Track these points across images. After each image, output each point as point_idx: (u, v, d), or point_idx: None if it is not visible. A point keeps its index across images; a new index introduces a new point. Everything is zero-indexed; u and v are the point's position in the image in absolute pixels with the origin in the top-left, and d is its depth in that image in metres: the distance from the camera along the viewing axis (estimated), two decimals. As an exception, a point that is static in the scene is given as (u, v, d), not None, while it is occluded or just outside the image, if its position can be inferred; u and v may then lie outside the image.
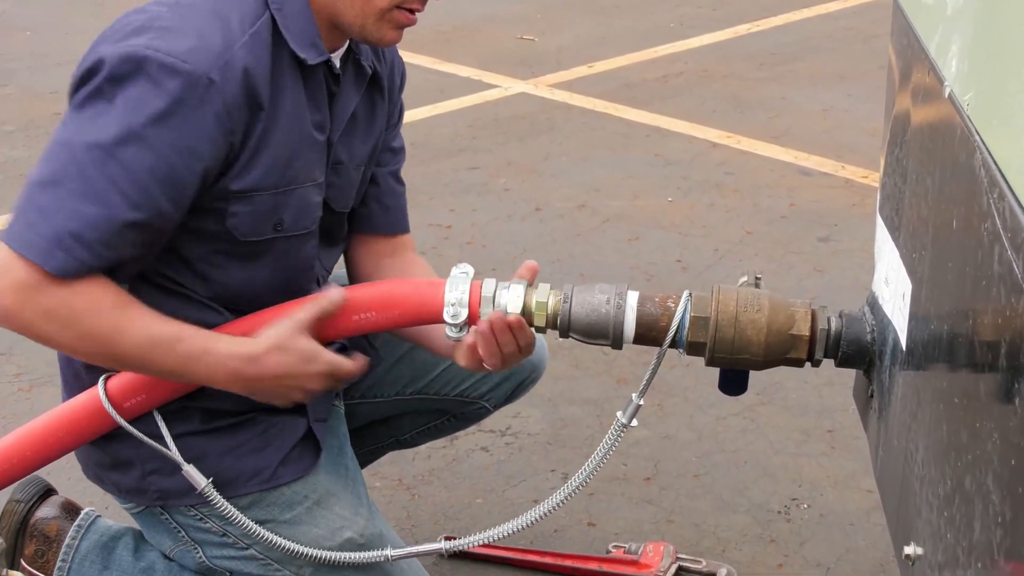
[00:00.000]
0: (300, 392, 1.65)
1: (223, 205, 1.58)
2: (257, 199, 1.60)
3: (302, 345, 1.61)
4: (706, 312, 1.56)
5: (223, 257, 1.63)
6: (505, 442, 2.73)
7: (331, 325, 1.64)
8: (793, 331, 1.55)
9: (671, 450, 2.71)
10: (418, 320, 1.64)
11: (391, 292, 1.65)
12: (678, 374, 3.00)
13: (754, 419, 2.83)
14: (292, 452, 1.77)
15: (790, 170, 4.39)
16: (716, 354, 1.57)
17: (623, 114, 5.01)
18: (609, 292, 1.59)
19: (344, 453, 1.86)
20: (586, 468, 1.68)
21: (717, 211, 4.03)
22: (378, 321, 1.64)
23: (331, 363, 1.64)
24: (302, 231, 1.68)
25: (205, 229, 1.60)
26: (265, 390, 1.63)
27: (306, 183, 1.65)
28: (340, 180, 1.76)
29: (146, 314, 1.54)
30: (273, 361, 1.60)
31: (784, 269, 3.59)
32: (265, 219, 1.62)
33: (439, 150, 4.52)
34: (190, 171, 1.49)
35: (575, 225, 3.92)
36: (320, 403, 1.84)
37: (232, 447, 1.75)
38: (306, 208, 1.67)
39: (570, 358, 3.07)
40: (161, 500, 1.75)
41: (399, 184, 1.92)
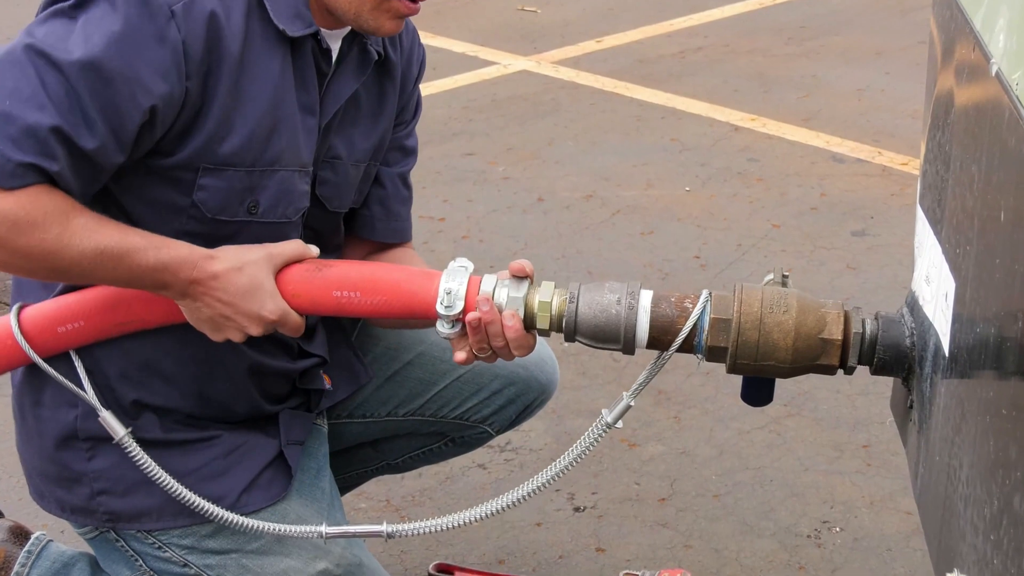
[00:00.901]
0: (236, 330, 1.64)
1: (192, 176, 1.60)
2: (230, 174, 1.61)
3: (261, 277, 1.61)
4: (728, 313, 1.56)
5: (190, 238, 1.63)
6: (504, 458, 2.73)
7: (306, 291, 1.64)
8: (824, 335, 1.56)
9: (689, 467, 2.71)
10: (407, 310, 1.63)
11: (381, 274, 1.65)
12: (696, 383, 3.01)
13: (781, 433, 2.83)
14: (260, 477, 1.77)
15: (821, 156, 4.39)
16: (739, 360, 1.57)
17: (636, 94, 5.01)
18: (620, 291, 1.59)
19: (322, 476, 1.87)
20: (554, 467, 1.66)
21: (740, 202, 4.04)
22: (361, 304, 1.64)
23: (281, 310, 1.63)
24: (281, 219, 1.68)
25: (172, 202, 1.62)
26: (203, 315, 1.63)
27: (290, 167, 1.66)
28: (337, 177, 1.76)
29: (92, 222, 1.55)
30: (225, 280, 1.60)
31: (814, 266, 3.60)
32: (237, 198, 1.63)
33: (431, 134, 4.52)
34: (134, 103, 1.50)
35: (582, 218, 3.93)
36: (297, 424, 1.84)
37: (190, 469, 1.75)
38: (288, 195, 1.68)
39: (576, 365, 3.07)
40: (111, 522, 1.76)
41: (406, 188, 1.92)
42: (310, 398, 1.89)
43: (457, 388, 2.01)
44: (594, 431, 1.64)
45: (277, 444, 1.80)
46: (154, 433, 1.74)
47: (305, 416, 1.86)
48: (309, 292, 1.64)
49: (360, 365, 1.98)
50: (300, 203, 1.71)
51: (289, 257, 1.65)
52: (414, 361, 2.02)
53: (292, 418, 1.84)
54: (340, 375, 1.95)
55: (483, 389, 2.02)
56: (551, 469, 1.67)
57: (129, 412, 1.73)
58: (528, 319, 1.60)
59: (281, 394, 1.85)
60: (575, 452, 1.66)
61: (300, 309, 1.65)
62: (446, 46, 5.53)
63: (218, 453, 1.76)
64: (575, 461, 1.66)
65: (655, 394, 2.96)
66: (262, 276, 1.62)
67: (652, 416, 2.89)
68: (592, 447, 1.65)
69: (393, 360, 2.01)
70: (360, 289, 1.63)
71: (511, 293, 1.60)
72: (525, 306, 1.60)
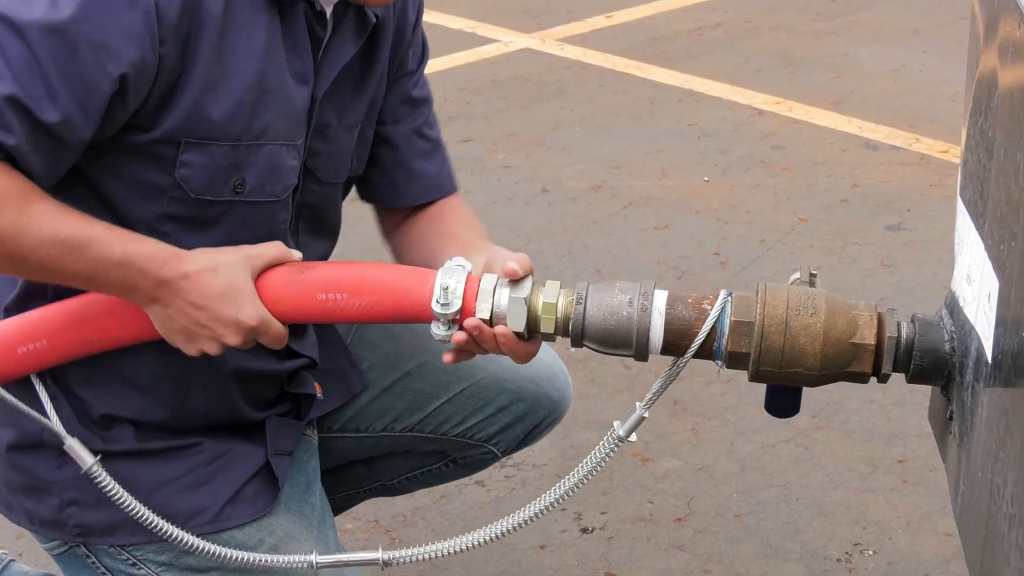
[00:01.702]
0: (210, 339, 1.63)
1: (173, 152, 1.60)
2: (214, 149, 1.61)
3: (238, 280, 1.61)
4: (750, 316, 1.57)
5: (172, 224, 1.64)
6: (505, 475, 2.74)
7: (288, 295, 1.64)
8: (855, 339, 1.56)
9: (707, 484, 2.72)
10: (400, 311, 1.63)
11: (370, 274, 1.64)
12: (716, 392, 3.01)
13: (808, 447, 2.83)
14: (244, 489, 1.77)
15: (853, 143, 4.40)
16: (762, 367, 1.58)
17: (649, 74, 5.01)
18: (632, 292, 1.59)
19: (312, 491, 1.87)
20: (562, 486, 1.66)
21: (764, 193, 4.04)
22: (349, 307, 1.63)
23: (261, 316, 1.62)
24: (269, 199, 1.69)
25: (153, 182, 1.62)
26: (175, 325, 1.62)
27: (278, 141, 1.66)
28: (329, 146, 1.76)
29: (53, 208, 1.54)
30: (197, 281, 1.59)
31: (845, 264, 3.60)
32: (222, 176, 1.63)
33: (424, 119, 4.53)
34: (102, 71, 1.50)
35: (590, 210, 3.93)
36: (285, 432, 1.85)
37: (168, 479, 1.75)
38: (276, 172, 1.68)
39: (585, 372, 3.07)
40: (82, 536, 1.76)
41: (425, 140, 1.91)
42: (299, 405, 1.89)
43: (460, 403, 2.01)
44: (605, 446, 1.64)
45: (263, 453, 1.80)
46: (128, 443, 1.74)
47: (294, 424, 1.87)
48: (291, 297, 1.64)
49: (354, 373, 1.98)
50: (289, 180, 1.71)
51: (269, 260, 1.64)
52: (414, 371, 2.01)
53: (280, 426, 1.85)
54: (332, 383, 1.95)
55: (489, 404, 2.02)
56: (558, 488, 1.67)
57: (99, 424, 1.74)
58: (531, 322, 1.60)
59: (268, 399, 1.85)
60: (584, 469, 1.65)
61: (282, 316, 1.64)
62: (441, 22, 5.53)
63: (199, 462, 1.76)
64: (585, 479, 1.66)
65: (671, 404, 2.96)
66: (240, 279, 1.61)
67: (667, 428, 2.89)
68: (603, 463, 1.65)
69: (391, 369, 2.01)
70: (347, 290, 1.63)
71: (512, 294, 1.60)
72: (528, 308, 1.60)
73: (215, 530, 1.75)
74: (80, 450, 1.68)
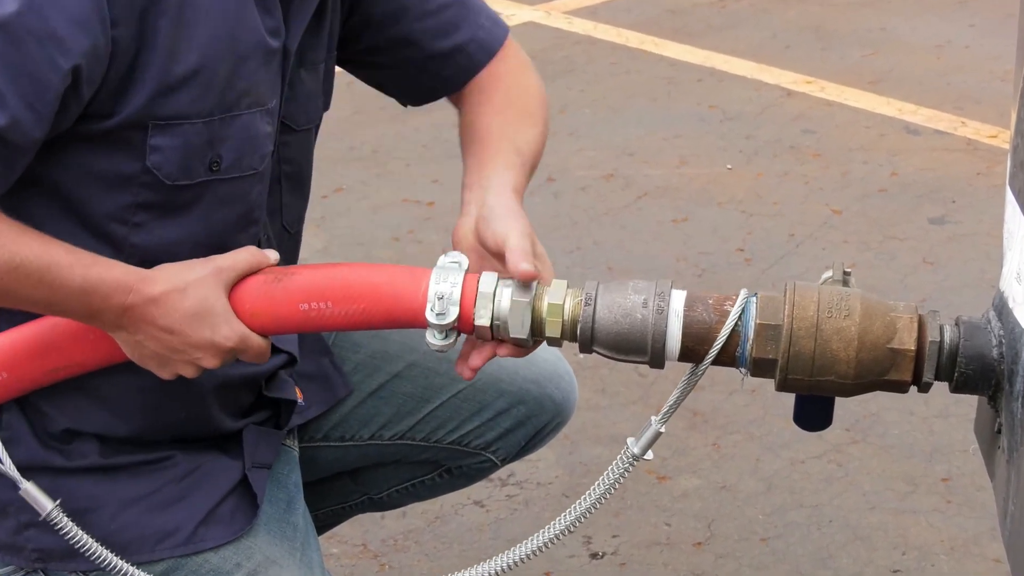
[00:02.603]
0: (187, 364, 1.64)
1: (140, 136, 1.60)
2: (187, 129, 1.61)
3: (210, 298, 1.61)
4: (777, 318, 1.57)
5: (144, 213, 1.64)
6: (506, 494, 2.74)
7: (266, 307, 1.63)
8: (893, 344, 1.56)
9: (730, 505, 2.72)
10: (390, 319, 1.63)
11: (355, 278, 1.63)
12: (740, 402, 3.01)
13: (842, 463, 2.84)
14: (221, 507, 1.78)
15: (892, 127, 4.40)
16: (791, 375, 1.58)
17: (666, 51, 5.01)
18: (647, 292, 1.60)
19: (294, 509, 1.87)
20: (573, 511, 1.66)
21: (793, 182, 4.04)
22: (334, 316, 1.63)
23: (238, 334, 1.62)
24: (247, 173, 1.69)
25: (119, 171, 1.61)
26: (146, 351, 1.63)
27: (253, 108, 1.67)
28: (294, 91, 1.77)
29: (6, 228, 1.54)
30: (166, 305, 1.60)
31: (883, 261, 3.60)
32: (197, 156, 1.63)
33: (417, 100, 4.53)
34: (52, 66, 1.50)
35: (601, 202, 3.93)
36: (264, 443, 1.85)
37: (136, 497, 1.75)
38: (252, 142, 1.68)
39: (594, 381, 3.08)
40: (41, 561, 1.76)
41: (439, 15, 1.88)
42: (279, 412, 1.89)
43: (455, 407, 2.01)
44: (619, 465, 1.64)
45: (240, 467, 1.81)
46: (91, 459, 1.74)
47: (273, 434, 1.87)
48: (270, 308, 1.63)
49: (338, 376, 1.98)
50: (265, 148, 1.71)
51: (242, 269, 1.64)
52: (403, 373, 2.02)
53: (258, 436, 1.85)
54: (313, 387, 1.95)
55: (486, 408, 2.02)
56: (569, 514, 1.66)
57: (59, 438, 1.74)
58: (536, 325, 1.61)
59: (244, 405, 1.86)
60: (597, 492, 1.65)
61: (262, 330, 1.64)
62: (435, -7, 5.54)
63: (170, 477, 1.76)
64: (597, 503, 1.66)
65: (690, 416, 2.96)
66: (211, 296, 1.61)
67: (686, 443, 2.90)
68: (617, 485, 1.65)
69: (378, 371, 2.01)
70: (331, 298, 1.62)
71: (515, 296, 1.60)
72: (532, 310, 1.60)
73: (188, 552, 1.76)
74: (37, 495, 1.68)
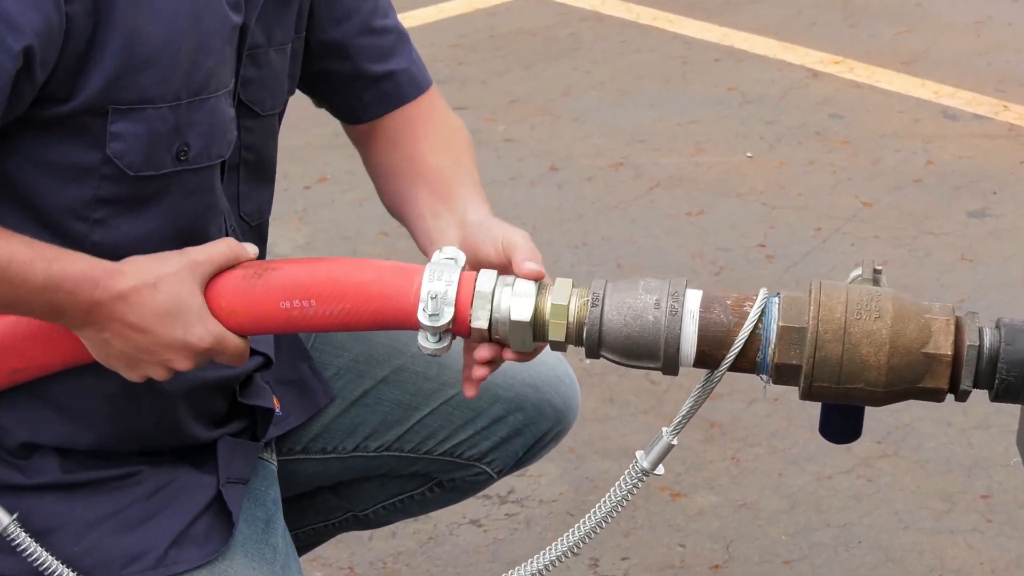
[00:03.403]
0: (157, 365, 1.64)
1: (100, 123, 1.60)
2: (151, 115, 1.61)
3: (184, 294, 1.61)
4: (801, 320, 1.57)
5: (105, 208, 1.64)
6: (505, 512, 2.74)
7: (245, 305, 1.64)
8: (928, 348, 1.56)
9: (751, 524, 2.72)
10: (379, 320, 1.62)
11: (341, 274, 1.63)
12: (761, 412, 3.01)
13: (873, 479, 2.84)
14: (193, 526, 1.78)
15: (928, 111, 4.40)
16: (816, 382, 1.58)
17: (680, 28, 5.02)
18: (659, 292, 1.60)
19: (272, 528, 1.88)
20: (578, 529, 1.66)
21: (819, 172, 4.04)
22: (318, 316, 1.63)
23: (213, 334, 1.62)
24: (217, 159, 1.70)
25: (78, 162, 1.62)
26: (113, 350, 1.63)
27: (219, 90, 1.67)
28: (261, 71, 1.77)
29: None
30: (135, 302, 1.60)
31: (917, 257, 3.61)
32: (163, 144, 1.63)
33: (408, 82, 4.53)
34: (4, 49, 1.49)
35: (610, 192, 3.93)
36: (240, 456, 1.85)
37: (101, 516, 1.75)
38: (220, 127, 1.68)
39: (602, 389, 3.08)
40: None
41: (382, 35, 1.91)
42: (255, 422, 1.90)
43: (446, 415, 2.01)
44: (628, 480, 1.64)
45: (214, 483, 1.81)
46: (52, 475, 1.74)
47: (249, 447, 1.87)
48: (249, 307, 1.64)
49: (318, 382, 1.98)
50: (231, 134, 1.71)
51: (219, 263, 1.64)
52: (390, 378, 2.02)
53: (233, 449, 1.85)
54: (292, 395, 1.96)
55: (480, 416, 2.03)
56: (573, 534, 1.67)
57: (16, 453, 1.74)
58: (538, 328, 1.61)
59: (217, 413, 1.86)
60: (604, 509, 1.66)
61: (239, 329, 1.64)
62: (428, -36, 5.55)
63: (138, 495, 1.76)
64: (604, 522, 1.66)
65: (706, 428, 2.97)
66: (185, 292, 1.61)
67: (702, 456, 2.90)
68: (626, 502, 1.65)
69: (362, 376, 2.02)
70: (315, 296, 1.62)
71: (516, 296, 1.60)
72: (535, 311, 1.60)
73: None
74: None
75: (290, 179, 3.86)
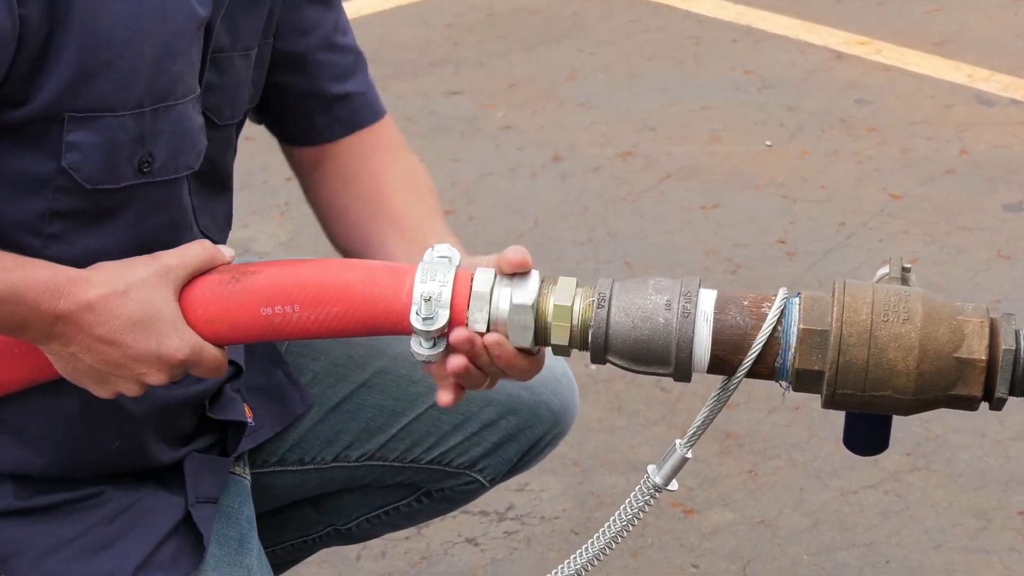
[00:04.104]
0: (129, 380, 1.63)
1: (56, 131, 1.60)
2: (109, 123, 1.60)
3: (156, 302, 1.60)
4: (824, 322, 1.57)
5: (61, 222, 1.64)
6: (504, 530, 2.74)
7: (223, 312, 1.63)
8: (961, 353, 1.57)
9: (769, 543, 2.72)
10: (368, 326, 1.62)
11: (326, 276, 1.63)
12: (780, 422, 3.01)
13: (902, 494, 2.84)
14: (161, 549, 1.78)
15: (960, 96, 4.40)
16: (840, 389, 1.58)
17: (693, 6, 5.02)
18: (670, 292, 1.60)
19: (246, 549, 1.88)
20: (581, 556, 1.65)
21: (844, 162, 4.05)
22: (302, 322, 1.62)
23: (190, 345, 1.61)
24: (184, 171, 1.70)
25: (30, 172, 1.61)
26: (81, 366, 1.62)
27: (187, 96, 1.67)
28: (223, 78, 1.76)
29: None
30: (104, 312, 1.58)
31: (950, 255, 3.61)
32: (124, 155, 1.63)
33: (402, 64, 4.54)
34: None
35: (617, 184, 3.94)
36: (208, 473, 1.86)
37: (62, 541, 1.75)
38: (188, 136, 1.68)
39: (609, 397, 3.08)
40: None
41: (342, 53, 1.92)
42: (226, 435, 1.90)
43: (433, 420, 2.01)
44: (639, 497, 1.64)
45: (183, 503, 1.81)
46: (6, 501, 1.74)
47: (219, 462, 1.88)
48: (227, 314, 1.63)
49: (294, 389, 1.98)
50: (200, 144, 1.71)
51: (194, 267, 1.63)
52: (371, 382, 2.02)
53: (202, 465, 1.86)
54: (265, 404, 1.96)
55: (471, 420, 2.02)
56: (580, 555, 1.67)
57: None
58: (540, 331, 1.61)
59: (185, 431, 1.86)
60: (614, 528, 1.65)
61: (217, 339, 1.63)
62: (421, -63, 5.55)
63: (101, 517, 1.77)
64: (613, 542, 1.66)
65: (721, 438, 2.97)
66: (157, 300, 1.60)
67: (717, 470, 2.90)
68: (637, 520, 1.65)
69: (341, 381, 2.02)
70: (299, 300, 1.61)
71: (516, 296, 1.60)
72: (536, 313, 1.61)
73: None
74: None
75: (270, 171, 3.86)
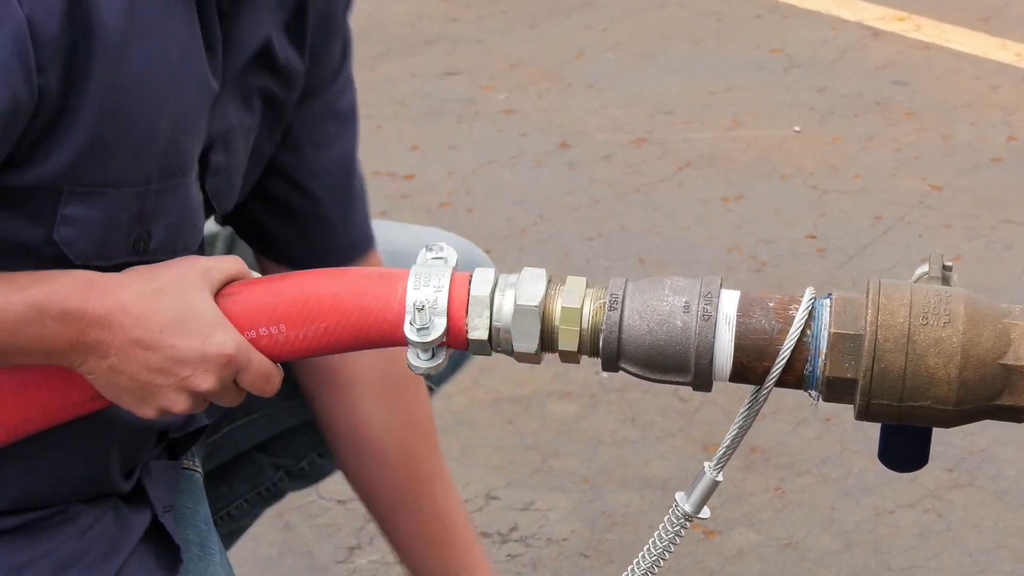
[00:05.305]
0: (175, 389, 1.62)
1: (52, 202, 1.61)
2: (111, 200, 1.61)
3: (195, 299, 1.60)
4: (857, 326, 1.58)
5: None
6: (507, 553, 2.75)
7: None
8: (1007, 359, 1.57)
9: (797, 566, 2.73)
10: (360, 338, 1.62)
11: (312, 290, 1.63)
12: (809, 435, 3.02)
13: (943, 513, 2.85)
14: (129, 563, 1.81)
15: (1007, 77, 4.40)
16: (874, 399, 1.59)
17: (714, -22, 5.03)
18: (689, 292, 1.60)
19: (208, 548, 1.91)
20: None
21: (879, 149, 4.05)
22: (290, 342, 1.62)
23: (239, 340, 1.60)
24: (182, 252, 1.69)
25: (19, 238, 1.62)
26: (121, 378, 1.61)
27: (190, 174, 1.69)
28: (229, 160, 1.78)
29: None
30: (144, 313, 1.58)
31: (995, 251, 3.61)
32: (121, 232, 1.64)
33: (393, 42, 4.54)
34: None
35: (631, 174, 3.94)
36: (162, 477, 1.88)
37: (29, 560, 1.77)
38: (190, 214, 1.70)
39: (622, 408, 3.08)
40: None
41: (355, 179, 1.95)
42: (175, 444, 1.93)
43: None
44: (668, 528, 1.64)
45: (148, 513, 1.83)
46: None
47: (169, 467, 1.90)
48: None
49: None
50: (201, 223, 1.74)
51: (230, 274, 1.64)
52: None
53: (160, 473, 1.88)
54: None
55: None
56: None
57: None
58: (546, 335, 1.62)
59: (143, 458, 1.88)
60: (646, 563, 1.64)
61: None
62: (415, -98, 5.56)
63: (69, 533, 1.78)
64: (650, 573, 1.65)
65: (746, 453, 2.97)
66: (196, 297, 1.60)
67: (742, 487, 2.91)
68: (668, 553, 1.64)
69: None
70: (284, 319, 1.61)
71: (520, 298, 1.61)
72: (542, 316, 1.61)
73: None
74: None
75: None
